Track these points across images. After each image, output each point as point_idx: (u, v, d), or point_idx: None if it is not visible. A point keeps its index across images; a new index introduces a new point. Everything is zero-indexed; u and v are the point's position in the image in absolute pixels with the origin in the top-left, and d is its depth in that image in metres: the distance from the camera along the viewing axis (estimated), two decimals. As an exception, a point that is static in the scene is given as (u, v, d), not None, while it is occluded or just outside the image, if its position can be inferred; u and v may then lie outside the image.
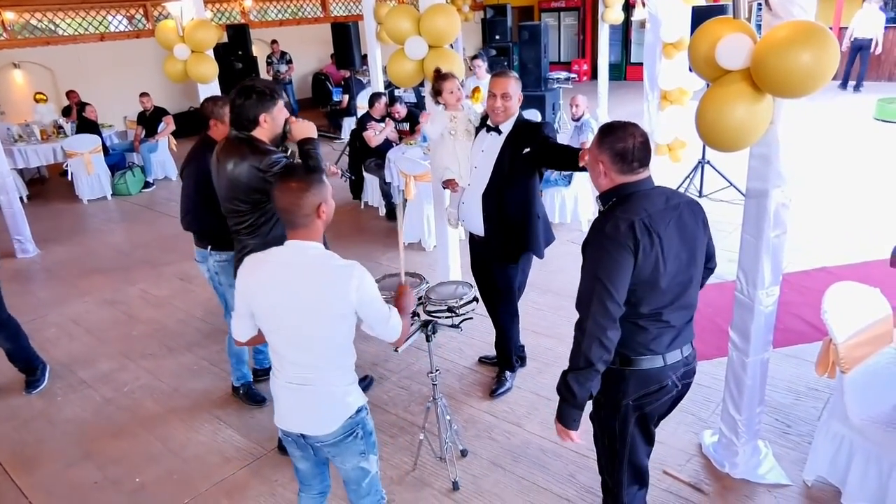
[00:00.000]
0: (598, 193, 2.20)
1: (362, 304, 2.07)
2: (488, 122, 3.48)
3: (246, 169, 2.83)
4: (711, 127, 2.34)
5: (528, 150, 3.32)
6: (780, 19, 2.26)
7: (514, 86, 3.36)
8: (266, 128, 2.88)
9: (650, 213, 2.05)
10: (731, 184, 6.75)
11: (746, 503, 2.94)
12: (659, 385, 2.23)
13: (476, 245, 3.71)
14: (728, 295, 4.93)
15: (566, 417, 2.15)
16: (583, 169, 3.06)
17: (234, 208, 2.98)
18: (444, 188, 3.69)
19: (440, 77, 3.66)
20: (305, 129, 2.95)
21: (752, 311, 2.78)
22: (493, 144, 3.45)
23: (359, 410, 2.24)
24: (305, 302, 2.05)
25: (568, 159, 3.23)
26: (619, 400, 2.25)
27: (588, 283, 2.05)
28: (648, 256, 2.03)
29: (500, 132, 3.43)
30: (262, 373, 4.17)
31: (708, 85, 2.50)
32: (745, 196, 2.72)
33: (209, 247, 3.58)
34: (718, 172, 6.84)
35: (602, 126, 2.16)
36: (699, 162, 6.94)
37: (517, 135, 3.39)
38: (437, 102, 3.68)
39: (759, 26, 2.41)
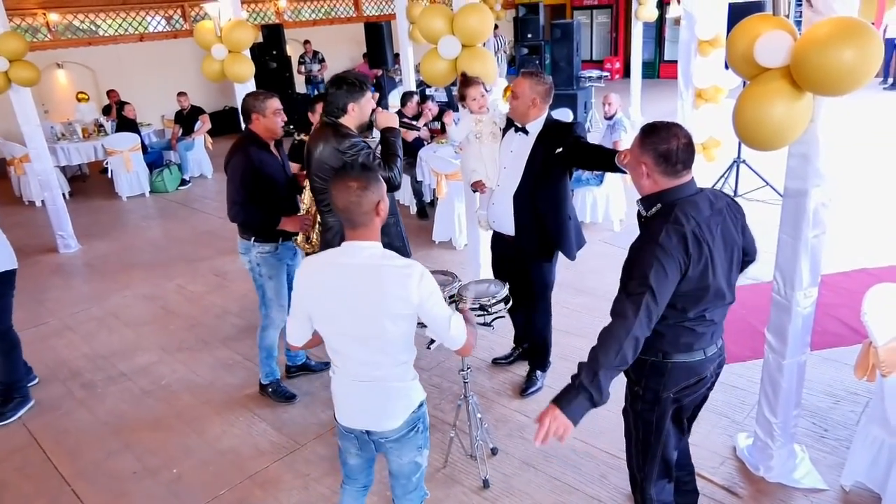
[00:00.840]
0: (639, 196, 2.19)
1: (423, 305, 2.05)
2: (515, 123, 3.49)
3: (329, 150, 3.08)
4: (749, 126, 2.32)
5: (560, 150, 3.32)
6: (821, 15, 2.22)
7: (522, 86, 3.34)
8: (353, 116, 3.16)
9: (699, 223, 2.05)
10: (768, 183, 6.62)
11: (782, 508, 2.90)
12: (698, 377, 2.26)
13: (504, 245, 3.70)
14: (763, 295, 4.86)
15: (578, 412, 1.99)
16: (617, 169, 3.06)
17: (317, 186, 3.20)
18: (473, 190, 3.72)
19: (465, 83, 3.70)
20: (388, 119, 3.26)
21: (790, 312, 2.74)
22: (522, 145, 3.46)
23: (420, 405, 2.27)
24: (365, 303, 2.04)
25: (602, 160, 3.22)
26: (660, 393, 2.26)
27: (638, 287, 2.01)
28: (697, 266, 2.04)
29: (527, 132, 3.44)
30: (295, 369, 4.24)
31: (745, 83, 2.47)
32: (784, 195, 2.68)
33: (252, 238, 3.67)
34: (754, 172, 6.72)
35: (644, 126, 2.13)
36: (734, 161, 6.83)
37: (548, 135, 3.38)
38: (463, 106, 3.72)
39: (798, 23, 2.37)
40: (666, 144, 2.04)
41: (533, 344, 3.96)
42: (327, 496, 3.19)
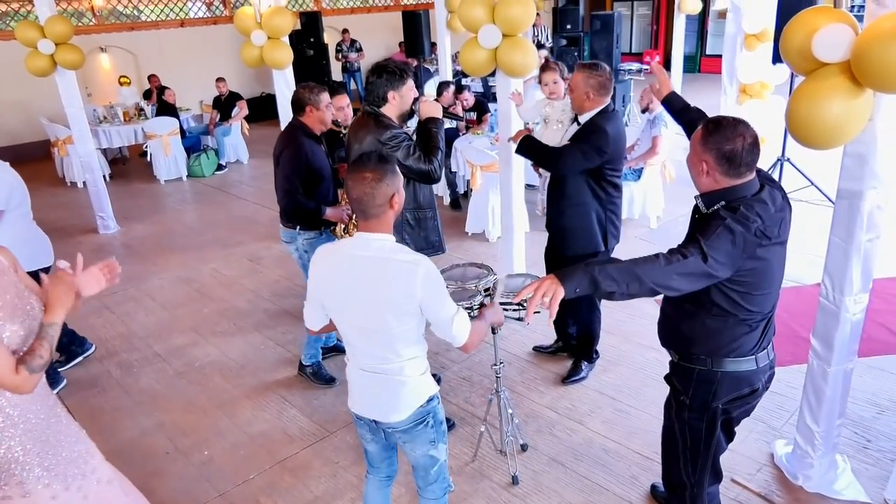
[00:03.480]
0: (699, 192, 2.12)
1: (426, 302, 2.02)
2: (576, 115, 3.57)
3: (369, 140, 3.04)
4: (804, 123, 2.22)
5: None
6: (886, 9, 2.11)
7: (576, 79, 3.36)
8: (394, 105, 3.11)
9: (764, 220, 1.98)
10: (813, 183, 6.42)
11: (821, 519, 2.82)
12: (751, 388, 2.21)
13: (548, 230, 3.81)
14: (805, 299, 4.73)
15: (572, 286, 1.89)
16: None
17: None
18: (539, 174, 3.91)
19: (542, 67, 3.87)
20: (432, 109, 3.20)
21: (838, 318, 2.64)
22: (572, 134, 3.53)
23: (430, 399, 2.24)
24: (369, 296, 2.03)
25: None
26: (709, 402, 2.21)
27: (689, 245, 1.95)
28: (759, 261, 1.99)
29: (579, 124, 3.48)
30: (326, 350, 4.27)
31: (792, 78, 2.38)
32: (837, 197, 2.57)
33: (298, 227, 3.72)
34: (799, 171, 6.52)
35: (708, 121, 2.05)
36: (778, 159, 6.63)
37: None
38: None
39: (859, 18, 2.26)
40: (731, 145, 1.95)
41: (579, 334, 3.96)
42: (355, 484, 3.19)
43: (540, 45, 8.58)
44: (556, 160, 3.35)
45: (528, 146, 3.43)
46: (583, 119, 3.44)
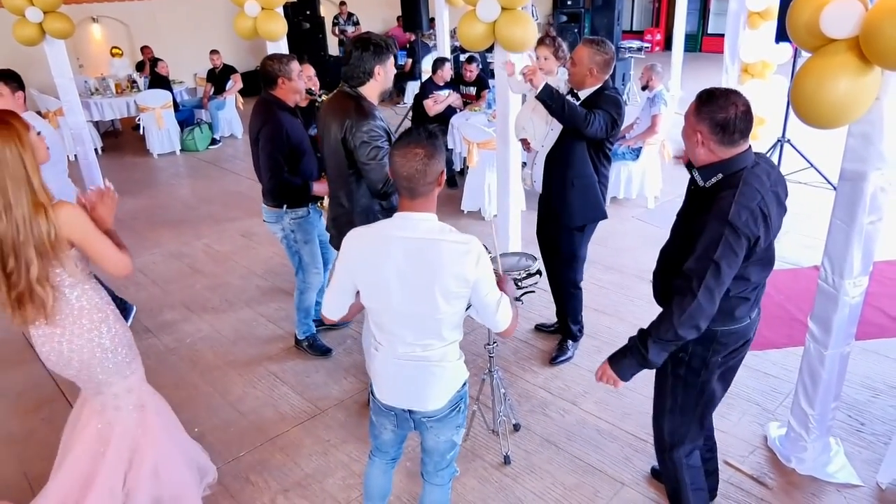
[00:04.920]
0: (696, 165, 2.10)
1: (478, 283, 1.95)
2: (572, 88, 3.47)
3: (349, 125, 2.87)
4: (809, 101, 2.16)
5: None
6: (897, -17, 2.04)
7: (581, 54, 3.29)
8: (379, 80, 2.93)
9: (763, 196, 1.98)
10: (812, 165, 6.36)
11: (813, 501, 2.80)
12: (745, 339, 2.28)
13: (541, 206, 3.74)
14: (801, 281, 4.70)
15: (626, 371, 2.20)
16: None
17: (330, 162, 3.08)
18: (525, 149, 3.82)
19: (539, 41, 3.79)
20: None
21: (837, 301, 2.60)
22: None
23: (463, 384, 2.20)
24: (422, 280, 1.93)
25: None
26: (708, 358, 2.24)
27: (703, 263, 1.99)
28: (763, 241, 2.01)
29: (578, 98, 3.39)
30: (319, 323, 4.23)
31: (795, 57, 2.31)
32: (840, 178, 2.52)
33: (284, 206, 3.61)
34: (799, 153, 6.45)
35: (701, 93, 2.04)
36: (778, 140, 6.56)
37: (588, 103, 3.34)
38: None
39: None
40: (724, 113, 1.95)
41: (559, 312, 3.95)
42: (346, 463, 3.18)
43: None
44: (584, 121, 3.15)
45: (553, 95, 3.17)
46: (582, 95, 3.37)
